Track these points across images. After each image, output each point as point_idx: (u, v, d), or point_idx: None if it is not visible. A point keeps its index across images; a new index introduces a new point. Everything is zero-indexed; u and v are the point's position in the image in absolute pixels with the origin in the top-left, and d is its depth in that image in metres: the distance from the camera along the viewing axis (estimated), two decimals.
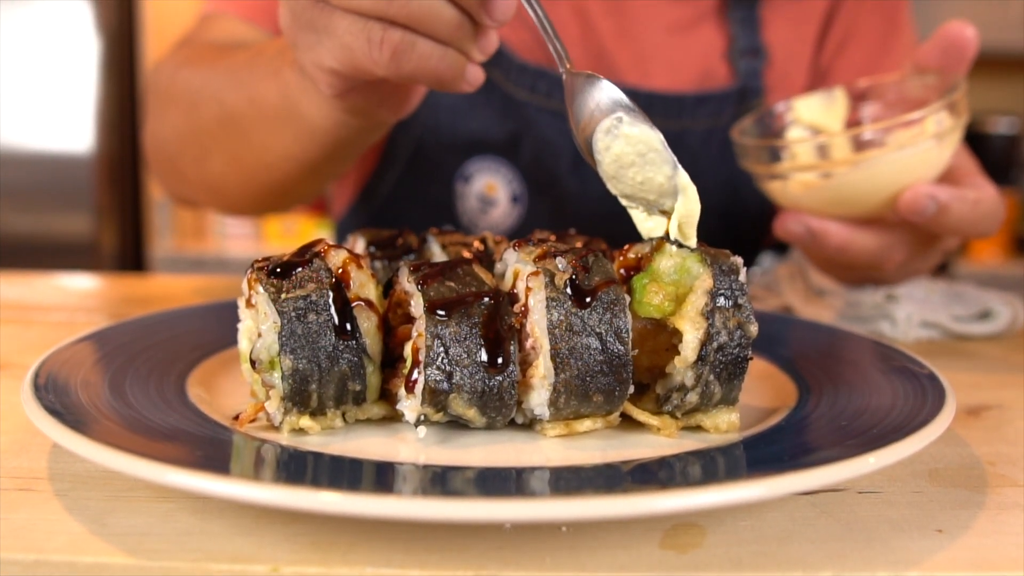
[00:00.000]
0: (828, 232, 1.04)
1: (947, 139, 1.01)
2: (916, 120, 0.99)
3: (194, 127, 1.18)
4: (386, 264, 0.82)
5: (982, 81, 3.96)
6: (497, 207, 1.42)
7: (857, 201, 1.03)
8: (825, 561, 0.53)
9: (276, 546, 0.53)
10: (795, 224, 1.05)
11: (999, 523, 0.59)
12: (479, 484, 0.56)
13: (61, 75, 3.30)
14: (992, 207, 1.02)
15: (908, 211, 0.99)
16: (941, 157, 1.02)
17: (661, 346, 0.70)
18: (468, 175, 1.42)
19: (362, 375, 0.67)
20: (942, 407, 0.65)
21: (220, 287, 1.37)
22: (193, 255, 3.58)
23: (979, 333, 1.13)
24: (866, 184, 1.01)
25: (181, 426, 0.63)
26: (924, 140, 0.99)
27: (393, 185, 1.47)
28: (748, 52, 1.43)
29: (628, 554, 0.53)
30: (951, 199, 0.98)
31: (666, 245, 0.70)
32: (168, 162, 1.30)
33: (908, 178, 1.00)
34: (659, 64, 1.42)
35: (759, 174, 1.10)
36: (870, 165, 1.00)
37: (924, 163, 1.01)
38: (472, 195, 1.42)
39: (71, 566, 0.51)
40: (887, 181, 1.00)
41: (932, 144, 1.00)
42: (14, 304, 1.22)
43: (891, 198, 1.01)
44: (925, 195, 0.98)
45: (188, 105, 1.18)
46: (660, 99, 1.39)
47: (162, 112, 1.26)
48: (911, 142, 0.99)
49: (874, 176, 1.00)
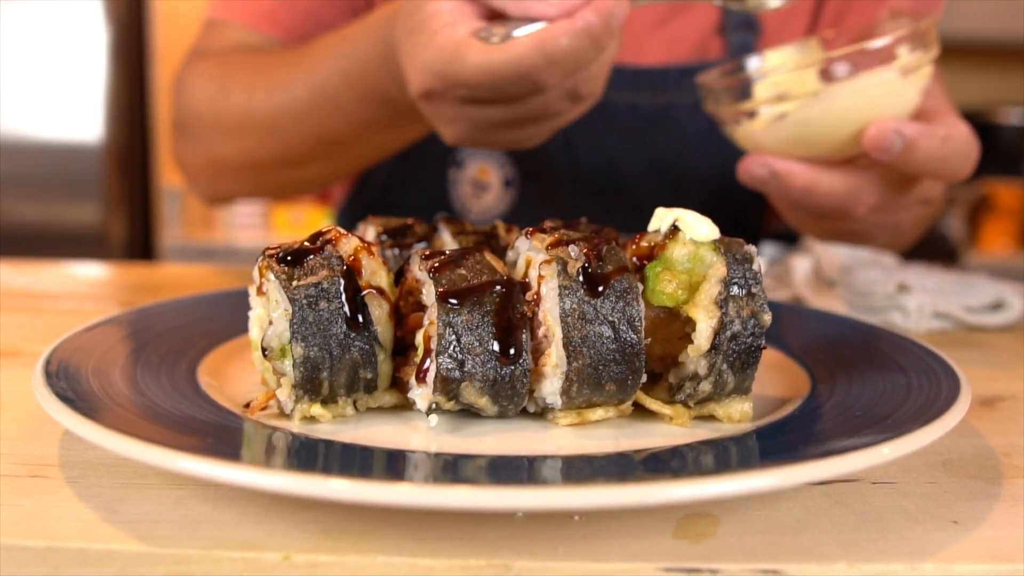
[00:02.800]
0: (792, 173, 0.99)
1: (915, 74, 0.97)
2: (879, 49, 0.95)
3: (280, 148, 1.23)
4: (397, 252, 0.82)
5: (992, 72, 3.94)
6: (490, 191, 1.42)
7: (821, 138, 0.99)
8: (839, 552, 0.53)
9: (287, 534, 0.53)
10: (758, 166, 1.00)
11: (1014, 514, 0.58)
12: (491, 472, 0.55)
13: (70, 65, 3.30)
14: (962, 144, 0.97)
15: (873, 146, 0.95)
16: (908, 92, 0.98)
17: (674, 335, 0.70)
18: (460, 160, 1.43)
19: (373, 363, 0.67)
20: (957, 397, 0.64)
21: (229, 276, 1.37)
22: (202, 244, 3.59)
23: (992, 324, 1.13)
24: (829, 119, 0.97)
25: (192, 413, 0.63)
26: (887, 72, 0.95)
27: (387, 173, 1.47)
28: (741, 26, 1.42)
29: (641, 543, 0.53)
30: (918, 134, 0.94)
31: (680, 233, 0.69)
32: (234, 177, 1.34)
33: (873, 113, 0.96)
34: (654, 40, 1.42)
35: (724, 117, 1.06)
36: (832, 97, 0.96)
37: (889, 97, 0.97)
38: (465, 180, 1.43)
39: (82, 552, 0.51)
40: (851, 116, 0.97)
41: (897, 76, 0.96)
42: (24, 292, 1.22)
43: (856, 135, 0.97)
44: (891, 130, 0.94)
45: (269, 131, 1.22)
46: (647, 73, 1.39)
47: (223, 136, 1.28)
48: (874, 73, 0.95)
49: (837, 110, 0.97)
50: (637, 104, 1.40)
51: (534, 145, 1.00)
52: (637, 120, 1.41)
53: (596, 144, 1.41)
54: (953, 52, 3.84)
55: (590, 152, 1.41)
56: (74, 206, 3.36)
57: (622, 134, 1.41)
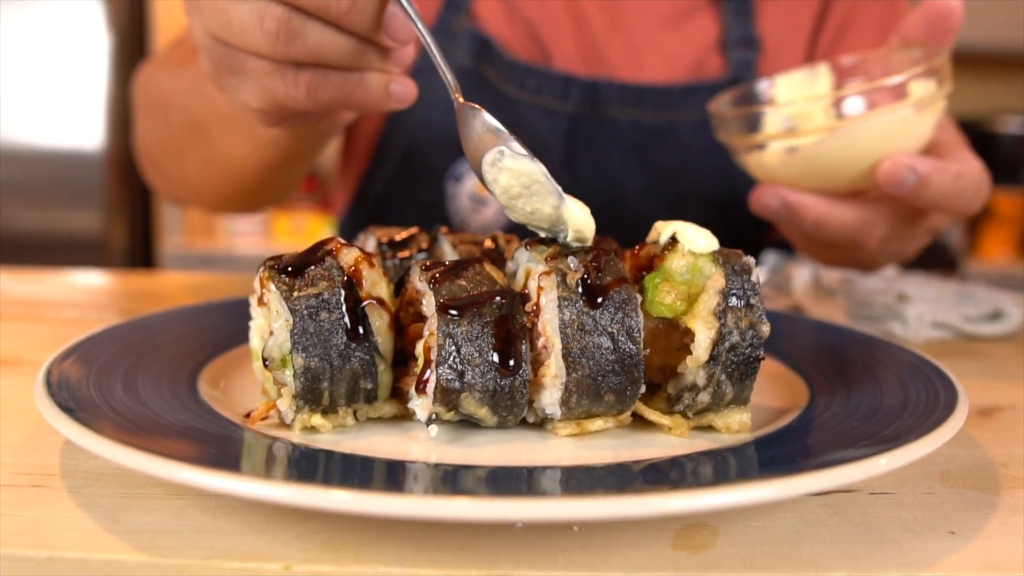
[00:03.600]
0: (805, 205, 0.99)
1: (928, 109, 0.98)
2: (893, 86, 0.96)
3: (168, 132, 1.26)
4: (397, 263, 0.82)
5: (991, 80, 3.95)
6: (489, 206, 1.42)
7: (834, 172, 0.99)
8: (837, 562, 0.53)
9: (288, 544, 0.53)
10: (771, 197, 1.01)
11: (1011, 525, 0.59)
12: (491, 483, 0.56)
13: (72, 72, 3.31)
14: (975, 181, 0.98)
15: (887, 182, 0.95)
16: (922, 127, 0.99)
17: (673, 346, 0.70)
18: (459, 175, 1.43)
19: (374, 373, 0.67)
20: (954, 408, 0.65)
21: (229, 284, 1.37)
22: (202, 252, 3.59)
23: (990, 334, 1.13)
24: (843, 153, 0.97)
25: (193, 424, 0.63)
26: (902, 108, 0.96)
27: (384, 185, 1.48)
28: (741, 43, 1.42)
29: (640, 554, 0.53)
30: (931, 171, 0.94)
31: (679, 244, 0.70)
32: (151, 164, 1.39)
33: (887, 148, 0.96)
34: (652, 57, 1.42)
35: (736, 147, 1.07)
36: (847, 133, 0.96)
37: (903, 132, 0.97)
38: (463, 194, 1.43)
39: (83, 563, 0.51)
40: (865, 150, 0.97)
41: (911, 112, 0.96)
42: (25, 301, 1.22)
43: (870, 169, 0.97)
44: (904, 166, 0.94)
45: (162, 111, 1.25)
46: (650, 91, 1.39)
47: (143, 116, 1.35)
48: (889, 109, 0.95)
49: (851, 145, 0.97)
50: (639, 121, 1.40)
51: None
52: (639, 137, 1.41)
53: (598, 160, 1.41)
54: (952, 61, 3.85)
55: (592, 168, 1.42)
56: (75, 214, 3.36)
57: (624, 151, 1.41)
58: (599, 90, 1.38)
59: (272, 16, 0.72)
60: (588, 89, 1.38)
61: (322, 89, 0.78)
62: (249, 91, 0.80)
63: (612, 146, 1.41)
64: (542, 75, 1.37)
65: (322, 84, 0.77)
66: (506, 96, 1.38)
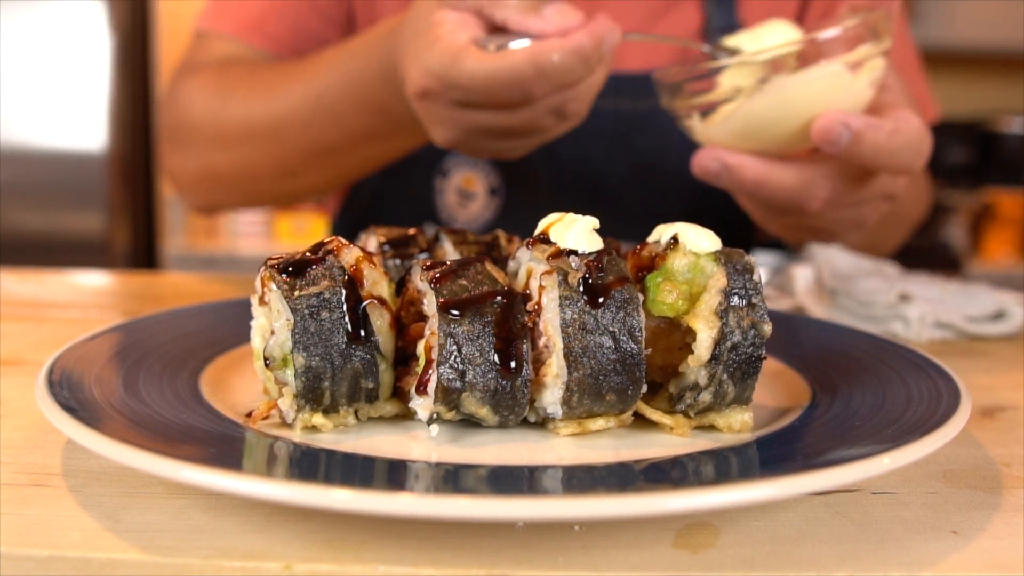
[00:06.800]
0: (744, 166, 0.98)
1: (864, 67, 0.97)
2: (825, 41, 0.95)
3: (279, 158, 1.27)
4: (399, 262, 0.82)
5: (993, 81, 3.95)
6: (475, 200, 1.43)
7: (770, 131, 0.99)
8: (839, 562, 0.53)
9: (288, 543, 0.53)
10: (710, 160, 1.00)
11: (1014, 525, 0.58)
12: (491, 482, 0.55)
13: (74, 74, 3.31)
14: (912, 137, 0.97)
15: (820, 138, 0.94)
16: (857, 86, 0.98)
17: (674, 345, 0.70)
18: (446, 170, 1.44)
19: (375, 373, 0.67)
20: (957, 408, 0.64)
21: (232, 284, 1.37)
22: (205, 253, 3.59)
23: (993, 333, 1.13)
24: (777, 111, 0.97)
25: (194, 423, 0.63)
26: (832, 64, 0.95)
27: (375, 184, 1.49)
28: (724, 31, 1.43)
29: (641, 554, 0.53)
30: (865, 127, 0.93)
31: (680, 244, 0.69)
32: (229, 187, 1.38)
33: (822, 106, 0.95)
34: (635, 46, 1.42)
35: (678, 112, 1.06)
36: (778, 89, 0.96)
37: (837, 90, 0.96)
38: (451, 189, 1.44)
39: (84, 562, 0.51)
40: (800, 109, 0.96)
41: (843, 69, 0.96)
42: (27, 301, 1.22)
43: (805, 127, 0.97)
44: (838, 122, 0.93)
45: (267, 140, 1.25)
46: (630, 80, 1.39)
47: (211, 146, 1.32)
48: (818, 66, 0.95)
49: (784, 103, 0.96)
50: (620, 110, 1.41)
51: (517, 157, 1.06)
52: (621, 126, 1.41)
53: (580, 151, 1.42)
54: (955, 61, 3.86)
55: (575, 159, 1.43)
56: (77, 215, 3.36)
57: (606, 140, 1.42)
58: None
59: None
60: None
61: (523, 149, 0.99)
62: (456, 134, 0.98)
63: (593, 135, 1.41)
64: None
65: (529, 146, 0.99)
66: None
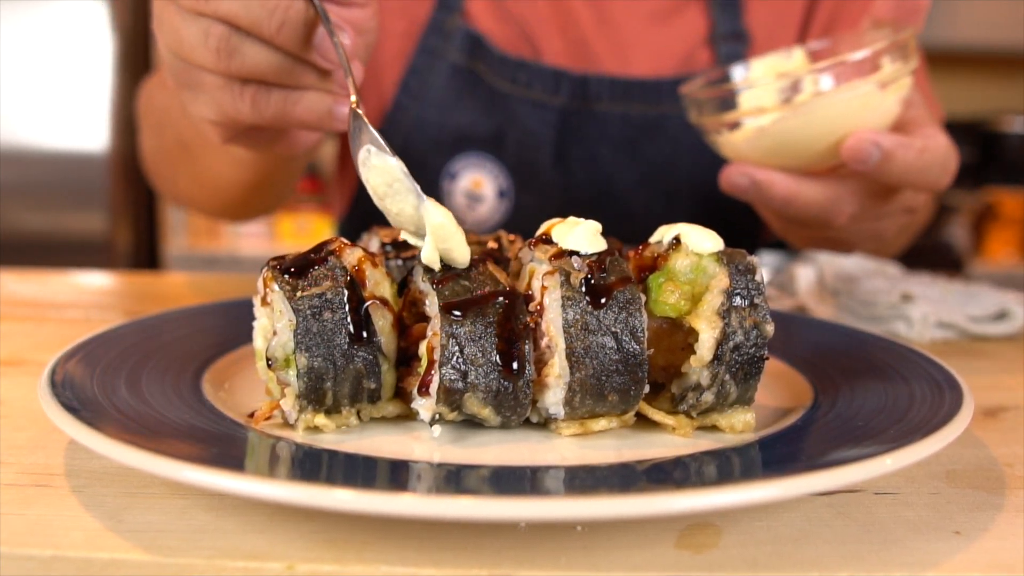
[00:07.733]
0: (773, 183, 0.99)
1: (893, 85, 0.98)
2: (857, 63, 0.96)
3: (163, 147, 1.32)
4: (401, 263, 0.82)
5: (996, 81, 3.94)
6: (484, 203, 1.44)
7: (801, 149, 1.00)
8: (841, 562, 0.53)
9: (290, 544, 0.53)
10: (739, 176, 1.01)
11: (1016, 525, 0.58)
12: (493, 483, 0.55)
13: (76, 74, 3.31)
14: (940, 156, 0.98)
15: (851, 157, 0.95)
16: (886, 104, 0.99)
17: (677, 345, 0.70)
18: (454, 172, 1.44)
19: (377, 373, 0.67)
20: (960, 408, 0.64)
21: (233, 285, 1.37)
22: (207, 253, 3.59)
23: (995, 334, 1.12)
24: (808, 130, 0.98)
25: (196, 423, 0.63)
26: (864, 84, 0.96)
27: None
28: (730, 36, 1.43)
29: (643, 554, 0.53)
30: (895, 146, 0.94)
31: (683, 244, 0.69)
32: (152, 173, 1.45)
33: (851, 124, 0.96)
34: (640, 51, 1.43)
35: (706, 127, 1.07)
36: (809, 109, 0.97)
37: (867, 108, 0.97)
38: (459, 192, 1.44)
39: (87, 562, 0.51)
40: (830, 127, 0.97)
41: (874, 89, 0.96)
42: (29, 301, 1.22)
43: (836, 146, 0.98)
44: (868, 141, 0.94)
45: (158, 126, 1.32)
46: (639, 85, 1.40)
47: (143, 129, 1.41)
48: (850, 86, 0.96)
49: (815, 121, 0.97)
50: (629, 115, 1.41)
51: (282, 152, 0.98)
52: (629, 131, 1.42)
53: (589, 155, 1.43)
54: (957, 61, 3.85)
55: (583, 162, 1.43)
56: (79, 215, 3.36)
57: (614, 145, 1.42)
58: (588, 84, 1.40)
59: (214, 35, 0.79)
60: (578, 83, 1.39)
61: (264, 103, 0.83)
62: (203, 103, 0.85)
63: (602, 140, 1.42)
64: (532, 69, 1.39)
65: (264, 98, 0.83)
66: (498, 91, 1.40)
